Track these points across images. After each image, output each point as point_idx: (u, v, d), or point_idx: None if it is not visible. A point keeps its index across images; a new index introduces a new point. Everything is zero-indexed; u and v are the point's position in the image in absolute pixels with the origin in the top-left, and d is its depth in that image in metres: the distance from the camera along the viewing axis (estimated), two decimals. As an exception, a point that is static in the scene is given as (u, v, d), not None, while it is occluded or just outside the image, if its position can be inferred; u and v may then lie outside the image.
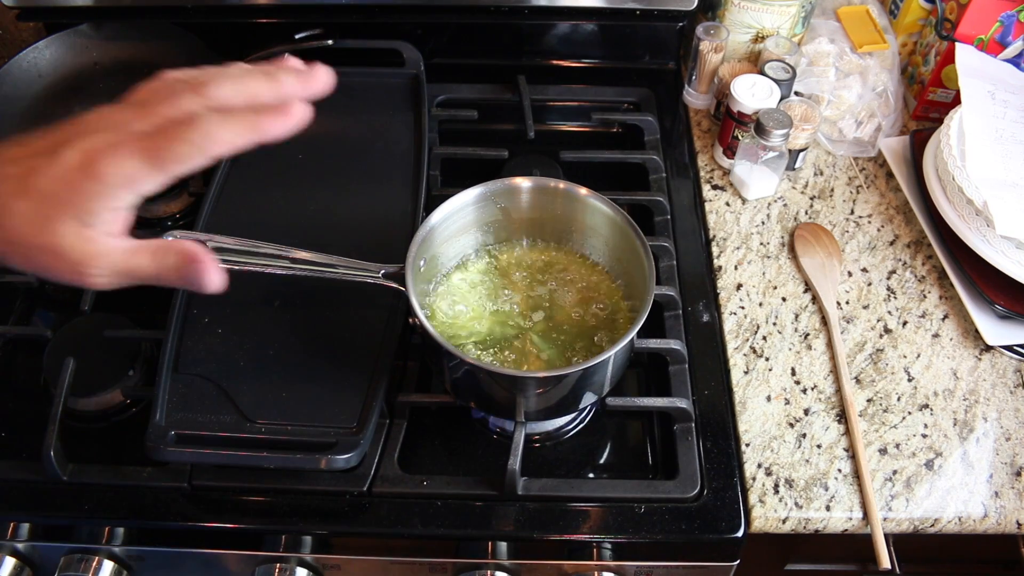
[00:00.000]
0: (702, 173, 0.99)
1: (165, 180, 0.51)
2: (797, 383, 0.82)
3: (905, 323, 0.86)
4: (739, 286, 0.89)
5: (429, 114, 0.97)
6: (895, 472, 0.76)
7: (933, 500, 0.74)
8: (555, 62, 1.10)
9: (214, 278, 0.55)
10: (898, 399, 0.81)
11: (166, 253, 0.54)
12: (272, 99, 0.54)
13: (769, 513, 0.74)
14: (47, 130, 0.52)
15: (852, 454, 0.77)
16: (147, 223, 0.93)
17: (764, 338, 0.85)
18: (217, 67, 0.56)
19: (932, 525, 0.74)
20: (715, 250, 0.92)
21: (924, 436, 0.78)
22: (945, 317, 0.87)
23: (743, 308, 0.87)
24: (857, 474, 0.76)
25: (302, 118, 0.53)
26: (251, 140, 0.52)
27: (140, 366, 0.80)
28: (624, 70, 1.10)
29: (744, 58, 1.04)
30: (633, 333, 0.67)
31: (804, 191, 0.97)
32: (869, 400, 0.80)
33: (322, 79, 0.56)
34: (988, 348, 0.84)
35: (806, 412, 0.80)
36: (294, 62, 0.57)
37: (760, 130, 0.88)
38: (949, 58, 0.96)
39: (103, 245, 0.52)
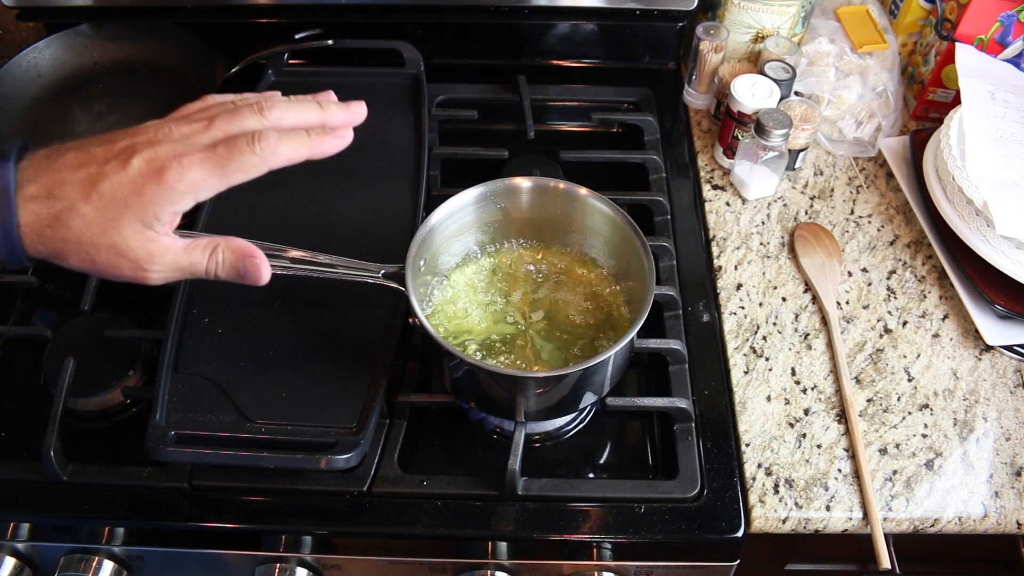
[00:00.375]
0: (702, 173, 0.99)
1: (224, 187, 0.57)
2: (797, 383, 0.82)
3: (905, 323, 0.86)
4: (739, 286, 0.89)
5: (429, 114, 0.97)
6: (895, 472, 0.76)
7: (933, 500, 0.74)
8: (555, 62, 1.10)
9: (266, 272, 0.62)
10: (898, 399, 0.81)
11: (222, 249, 0.60)
12: (320, 124, 0.61)
13: (769, 513, 0.74)
14: (104, 138, 0.57)
15: (852, 454, 0.77)
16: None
17: (764, 338, 0.85)
18: (262, 93, 0.63)
19: (932, 525, 0.74)
20: (715, 250, 0.92)
21: (924, 436, 0.78)
22: (945, 317, 0.87)
23: (743, 308, 0.87)
24: (857, 474, 0.76)
25: (348, 140, 0.61)
26: (305, 156, 0.59)
27: (140, 366, 0.80)
28: (624, 70, 1.10)
29: (744, 58, 1.04)
30: (633, 333, 0.67)
31: (804, 191, 0.97)
32: (869, 400, 0.80)
33: (362, 111, 0.64)
34: (988, 348, 0.84)
35: (806, 412, 0.80)
36: (333, 95, 0.64)
37: (760, 130, 0.88)
38: (949, 58, 0.96)
39: (163, 244, 0.58)
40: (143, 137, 0.57)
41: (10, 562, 0.76)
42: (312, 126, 0.60)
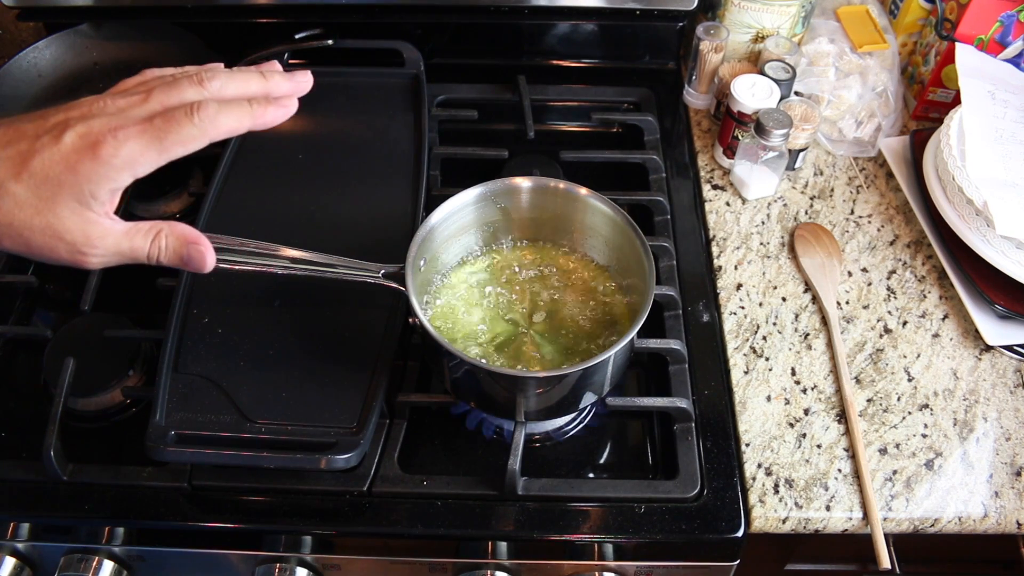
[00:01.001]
0: (702, 173, 0.99)
1: (163, 162, 0.54)
2: (797, 383, 0.82)
3: (905, 323, 0.86)
4: (739, 286, 0.89)
5: (429, 114, 0.97)
6: (895, 472, 0.76)
7: (933, 500, 0.74)
8: (555, 62, 1.10)
9: (211, 259, 0.60)
10: (898, 399, 0.81)
11: (165, 235, 0.58)
12: (263, 94, 0.59)
13: (769, 513, 0.74)
14: (37, 115, 0.55)
15: (852, 454, 0.77)
16: (147, 223, 0.93)
17: (764, 338, 0.85)
18: (203, 65, 0.61)
19: (932, 525, 0.74)
20: (715, 250, 0.92)
21: (924, 436, 0.78)
22: (945, 317, 0.87)
23: (743, 308, 0.87)
24: (857, 474, 0.76)
25: (292, 110, 0.60)
26: (248, 126, 0.57)
27: (140, 366, 0.80)
28: (624, 70, 1.10)
29: (744, 58, 1.04)
30: (633, 333, 0.67)
31: (804, 191, 0.97)
32: (869, 400, 0.80)
33: (307, 81, 0.62)
34: (988, 348, 0.84)
35: (806, 412, 0.80)
36: (278, 66, 0.63)
37: (760, 130, 0.88)
38: (949, 58, 0.96)
39: (102, 226, 0.55)
40: (77, 112, 0.54)
41: (10, 562, 0.76)
42: (255, 96, 0.58)
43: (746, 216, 0.95)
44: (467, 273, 0.79)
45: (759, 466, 0.76)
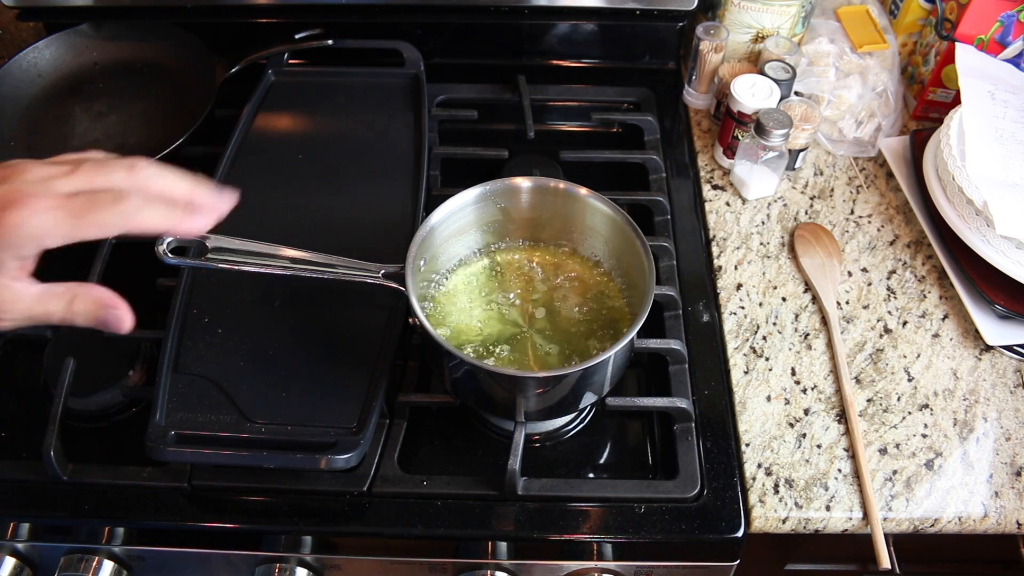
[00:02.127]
0: (702, 173, 0.99)
1: (76, 240, 0.52)
2: (797, 383, 0.82)
3: (905, 323, 0.86)
4: (739, 286, 0.89)
5: (429, 114, 0.97)
6: (895, 472, 0.76)
7: (933, 500, 0.74)
8: (555, 62, 1.10)
9: (128, 322, 0.57)
10: (898, 399, 0.81)
11: (80, 299, 0.56)
12: (186, 200, 0.57)
13: (769, 513, 0.74)
14: None
15: (852, 454, 0.77)
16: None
17: (764, 338, 0.85)
18: (137, 158, 0.58)
19: (932, 525, 0.74)
20: (715, 250, 0.92)
21: (924, 436, 0.78)
22: (945, 317, 0.87)
23: (743, 308, 0.87)
24: (857, 474, 0.76)
25: (209, 225, 0.57)
26: (166, 228, 0.55)
27: (140, 366, 0.80)
28: (624, 70, 1.10)
29: (744, 58, 1.04)
30: (633, 333, 0.67)
31: (804, 191, 0.97)
32: (869, 400, 0.80)
33: (231, 202, 0.59)
34: (988, 348, 0.84)
35: (806, 412, 0.80)
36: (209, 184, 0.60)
37: (760, 130, 0.88)
38: (949, 58, 0.96)
39: (12, 291, 0.53)
40: (1, 173, 0.52)
41: (10, 562, 0.76)
42: (179, 198, 0.56)
43: (746, 216, 0.95)
44: (467, 273, 0.79)
45: (759, 466, 0.76)
